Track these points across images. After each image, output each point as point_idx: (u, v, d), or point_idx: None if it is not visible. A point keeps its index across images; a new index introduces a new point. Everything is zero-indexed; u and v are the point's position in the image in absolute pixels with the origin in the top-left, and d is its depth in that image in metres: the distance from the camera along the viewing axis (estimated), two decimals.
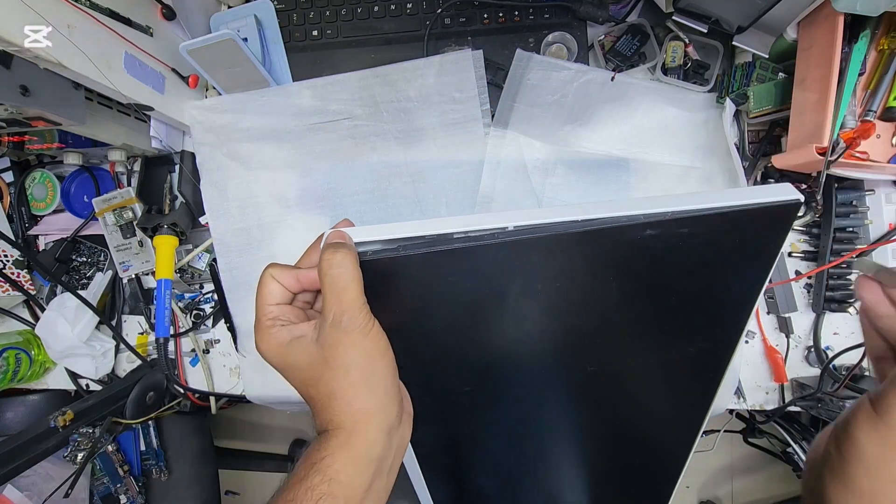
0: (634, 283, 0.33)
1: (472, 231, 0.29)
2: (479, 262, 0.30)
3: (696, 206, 0.29)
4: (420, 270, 0.30)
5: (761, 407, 0.59)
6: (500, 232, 0.29)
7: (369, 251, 0.29)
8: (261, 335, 0.31)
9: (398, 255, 0.29)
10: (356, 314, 0.28)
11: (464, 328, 0.34)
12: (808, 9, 0.46)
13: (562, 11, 0.58)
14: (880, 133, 0.48)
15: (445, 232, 0.29)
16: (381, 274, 0.29)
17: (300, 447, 1.35)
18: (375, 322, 0.29)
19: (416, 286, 0.31)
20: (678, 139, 0.57)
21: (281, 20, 0.61)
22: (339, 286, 0.28)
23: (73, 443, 0.56)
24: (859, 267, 0.30)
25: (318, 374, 0.29)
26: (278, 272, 0.31)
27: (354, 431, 0.29)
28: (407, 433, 0.34)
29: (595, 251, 0.30)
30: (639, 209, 0.29)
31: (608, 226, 0.28)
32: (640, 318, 0.36)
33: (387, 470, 0.31)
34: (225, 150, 0.61)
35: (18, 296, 0.66)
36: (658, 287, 0.33)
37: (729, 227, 0.30)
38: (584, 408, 0.43)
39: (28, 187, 0.67)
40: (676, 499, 0.48)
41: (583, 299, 0.34)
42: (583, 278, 0.32)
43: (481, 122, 0.58)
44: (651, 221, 0.28)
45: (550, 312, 0.34)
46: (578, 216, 0.29)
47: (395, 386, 0.31)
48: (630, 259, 0.31)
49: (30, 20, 0.38)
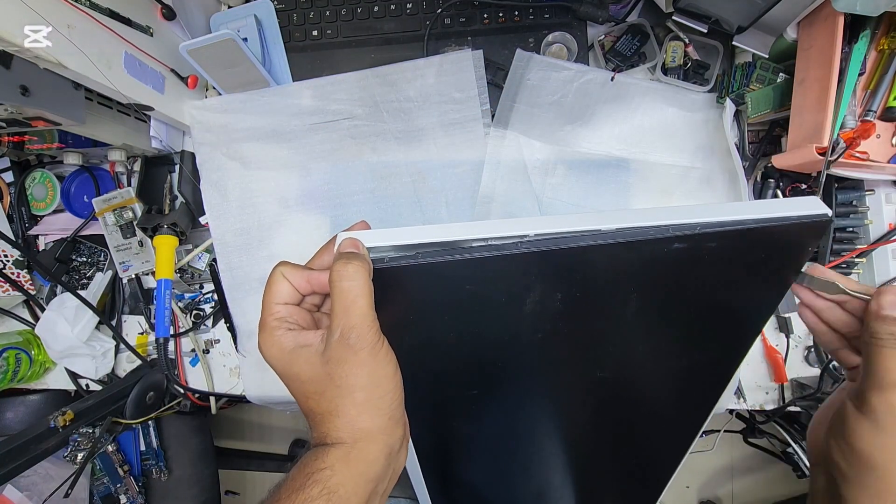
0: (655, 294, 0.33)
1: (493, 238, 0.28)
2: (498, 270, 0.29)
3: (724, 218, 0.28)
4: (437, 278, 0.29)
5: (761, 407, 0.59)
6: (520, 240, 0.28)
7: (386, 257, 0.28)
8: (265, 336, 0.30)
9: (416, 263, 0.28)
10: (365, 332, 0.27)
11: (474, 334, 0.33)
12: (808, 9, 0.46)
13: (562, 11, 0.58)
14: (880, 133, 0.48)
15: (464, 238, 0.28)
16: (397, 280, 0.29)
17: (300, 447, 1.35)
18: (385, 341, 0.28)
19: (431, 293, 0.30)
20: (678, 139, 0.57)
21: (281, 20, 0.61)
22: (348, 300, 0.27)
23: (73, 443, 0.56)
24: (797, 280, 0.33)
25: (321, 389, 0.28)
26: (289, 271, 0.30)
27: (356, 448, 0.28)
28: (403, 459, 0.32)
29: (620, 263, 0.30)
30: (666, 220, 0.28)
31: (636, 238, 0.28)
32: (655, 327, 0.36)
33: (381, 493, 0.30)
34: (225, 150, 0.61)
35: (18, 296, 0.66)
36: (678, 298, 0.33)
37: (756, 242, 0.30)
38: (588, 410, 0.43)
39: (28, 187, 0.67)
40: (677, 499, 0.48)
41: (601, 309, 0.33)
42: (604, 288, 0.32)
43: (481, 122, 0.58)
44: (679, 235, 0.28)
45: (566, 321, 0.33)
46: (602, 225, 0.28)
47: (400, 410, 0.30)
48: (654, 271, 0.31)
49: (30, 20, 0.38)
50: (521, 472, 0.50)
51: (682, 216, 0.28)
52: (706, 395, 0.42)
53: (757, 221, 0.28)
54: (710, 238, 0.28)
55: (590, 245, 0.28)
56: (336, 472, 0.27)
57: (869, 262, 0.55)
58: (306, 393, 0.29)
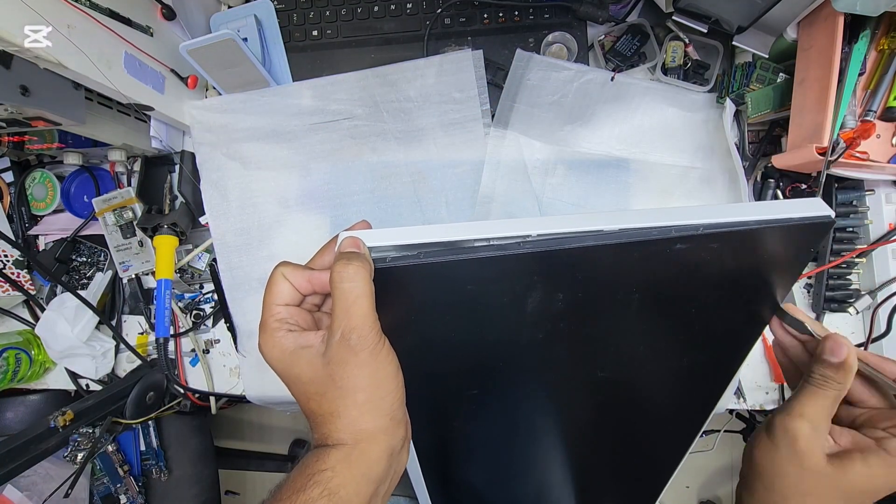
0: (657, 295, 0.33)
1: (495, 238, 0.28)
2: (500, 270, 0.29)
3: (727, 219, 0.28)
4: (438, 278, 0.29)
5: (761, 407, 0.59)
6: (523, 240, 0.28)
7: (388, 257, 0.28)
8: (265, 337, 0.29)
9: (418, 263, 0.27)
10: (366, 333, 0.27)
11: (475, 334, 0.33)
12: (808, 9, 0.46)
13: (562, 11, 0.58)
14: (880, 133, 0.48)
15: (466, 238, 0.28)
16: (398, 280, 0.28)
17: (300, 447, 1.35)
18: (386, 341, 0.28)
19: (432, 293, 0.30)
20: (678, 139, 0.57)
21: (281, 20, 0.61)
22: (349, 301, 0.26)
23: (73, 443, 0.56)
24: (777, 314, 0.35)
25: (322, 390, 0.28)
26: (290, 272, 0.30)
27: (357, 449, 0.28)
28: (405, 459, 0.33)
29: (622, 263, 0.30)
30: (669, 220, 0.28)
31: (639, 239, 0.28)
32: (657, 327, 0.36)
33: (382, 494, 0.30)
34: (225, 150, 0.61)
35: (18, 296, 0.66)
36: (679, 298, 0.33)
37: (759, 243, 0.30)
38: (588, 410, 0.43)
39: (28, 187, 0.67)
40: (676, 499, 0.48)
41: (602, 309, 0.33)
42: (605, 289, 0.32)
43: (481, 122, 0.58)
44: (682, 236, 0.28)
45: (568, 321, 0.33)
46: (605, 226, 0.28)
47: (401, 410, 0.30)
48: (657, 271, 0.31)
49: (30, 20, 0.38)
50: (520, 472, 0.50)
51: (685, 217, 0.28)
52: (706, 396, 0.42)
53: (759, 223, 0.28)
54: (713, 239, 0.28)
55: (592, 245, 0.28)
56: (337, 474, 0.27)
57: (869, 262, 0.55)
58: (307, 394, 0.29)
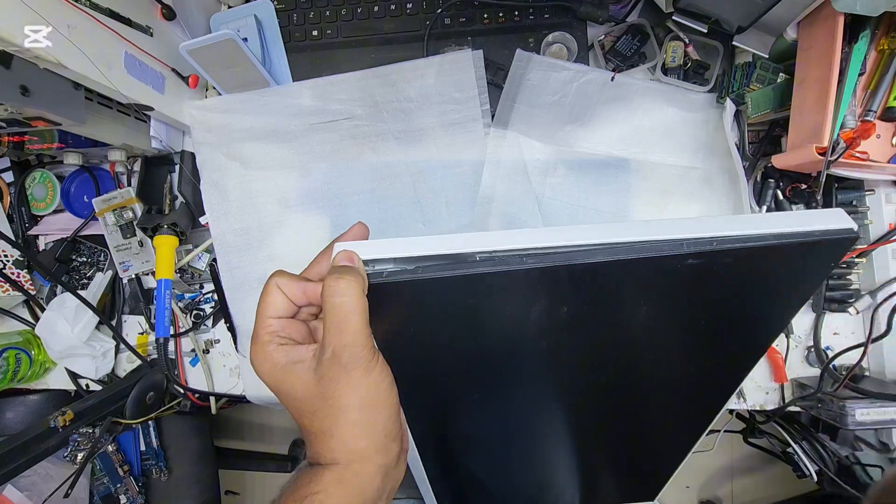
0: (665, 308, 0.31)
1: (498, 252, 0.26)
2: (502, 284, 0.28)
3: (742, 232, 0.26)
4: (438, 292, 0.28)
5: (761, 407, 0.59)
6: (526, 255, 0.26)
7: (384, 271, 0.26)
8: (257, 350, 0.29)
9: (416, 279, 0.26)
10: (358, 350, 0.26)
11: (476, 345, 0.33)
12: (808, 9, 0.46)
13: (562, 11, 0.58)
14: (880, 133, 0.48)
15: (467, 251, 0.26)
16: (396, 294, 0.27)
17: (300, 447, 1.35)
18: (380, 357, 0.28)
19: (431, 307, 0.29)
20: (678, 139, 0.57)
21: (281, 20, 0.61)
22: (340, 316, 0.25)
23: (73, 443, 0.56)
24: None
25: (314, 407, 0.27)
26: (285, 283, 0.29)
27: (350, 470, 0.27)
28: (401, 472, 0.32)
29: (630, 277, 0.28)
30: (680, 233, 0.26)
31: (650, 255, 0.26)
32: (662, 340, 0.35)
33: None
34: (225, 150, 0.61)
35: (18, 296, 0.66)
36: (689, 312, 0.32)
37: (775, 259, 0.28)
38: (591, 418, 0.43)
39: (28, 187, 0.67)
40: (676, 499, 0.49)
41: (609, 321, 0.32)
42: (612, 302, 0.31)
43: (481, 122, 0.58)
44: (694, 251, 0.26)
45: (572, 333, 0.32)
46: (613, 238, 0.26)
47: (396, 426, 0.29)
48: (666, 286, 0.29)
49: (30, 20, 0.38)
50: (522, 473, 0.50)
51: (698, 229, 0.26)
52: (710, 405, 0.41)
53: (777, 237, 0.26)
54: (727, 254, 0.26)
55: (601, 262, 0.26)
56: (330, 496, 0.26)
57: (869, 262, 0.55)
58: (300, 410, 0.29)
